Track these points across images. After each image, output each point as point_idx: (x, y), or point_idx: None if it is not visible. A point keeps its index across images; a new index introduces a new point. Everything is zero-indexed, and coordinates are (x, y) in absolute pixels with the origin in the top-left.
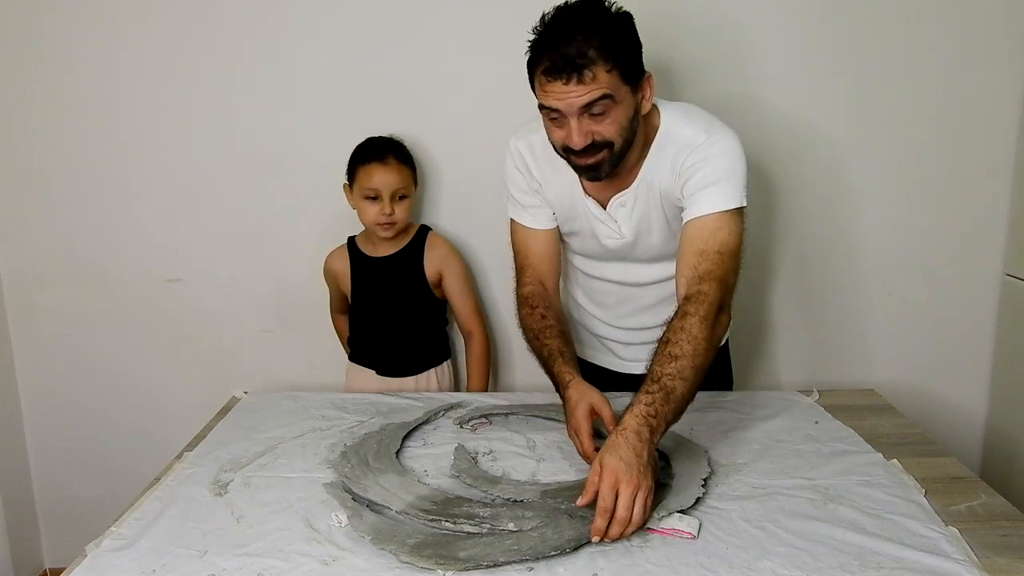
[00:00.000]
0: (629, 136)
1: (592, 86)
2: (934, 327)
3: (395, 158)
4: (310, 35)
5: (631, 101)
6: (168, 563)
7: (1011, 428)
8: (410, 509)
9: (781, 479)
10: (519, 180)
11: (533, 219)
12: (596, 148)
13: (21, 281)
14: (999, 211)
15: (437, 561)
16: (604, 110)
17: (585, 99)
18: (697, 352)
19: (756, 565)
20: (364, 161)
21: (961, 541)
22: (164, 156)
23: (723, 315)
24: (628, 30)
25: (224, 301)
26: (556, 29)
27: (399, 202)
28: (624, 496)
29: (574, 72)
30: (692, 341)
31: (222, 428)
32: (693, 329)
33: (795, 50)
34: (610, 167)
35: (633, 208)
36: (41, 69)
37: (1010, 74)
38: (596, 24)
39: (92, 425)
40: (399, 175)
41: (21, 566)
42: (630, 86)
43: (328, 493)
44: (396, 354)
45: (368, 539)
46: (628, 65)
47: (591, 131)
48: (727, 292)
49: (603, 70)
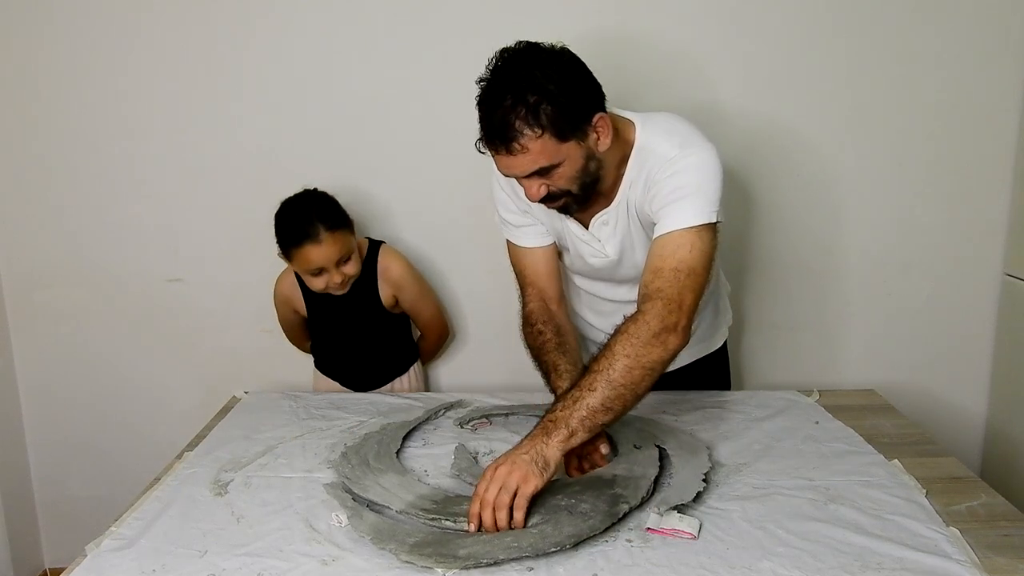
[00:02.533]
0: (586, 179)
1: (523, 157)
2: (934, 327)
3: (327, 230)
4: (310, 35)
5: (578, 153)
6: (168, 563)
7: (1011, 428)
8: (410, 508)
9: (782, 479)
10: (507, 202)
11: (526, 238)
12: (554, 197)
13: (21, 281)
14: (999, 211)
15: (437, 560)
16: (548, 172)
17: (520, 170)
18: (612, 368)
19: (756, 565)
20: (295, 244)
21: (962, 542)
22: (164, 156)
23: (670, 336)
24: (564, 82)
25: (224, 301)
26: (486, 93)
27: (345, 264)
28: (495, 480)
29: (502, 145)
30: (610, 358)
31: (222, 428)
32: (615, 347)
33: (796, 50)
34: (578, 205)
35: (616, 226)
36: (41, 69)
37: (1010, 74)
38: (522, 87)
39: (92, 425)
40: (338, 244)
41: (21, 566)
42: (573, 139)
43: (328, 493)
44: (361, 370)
45: (368, 539)
46: (563, 122)
47: (543, 184)
48: (678, 311)
49: (532, 138)
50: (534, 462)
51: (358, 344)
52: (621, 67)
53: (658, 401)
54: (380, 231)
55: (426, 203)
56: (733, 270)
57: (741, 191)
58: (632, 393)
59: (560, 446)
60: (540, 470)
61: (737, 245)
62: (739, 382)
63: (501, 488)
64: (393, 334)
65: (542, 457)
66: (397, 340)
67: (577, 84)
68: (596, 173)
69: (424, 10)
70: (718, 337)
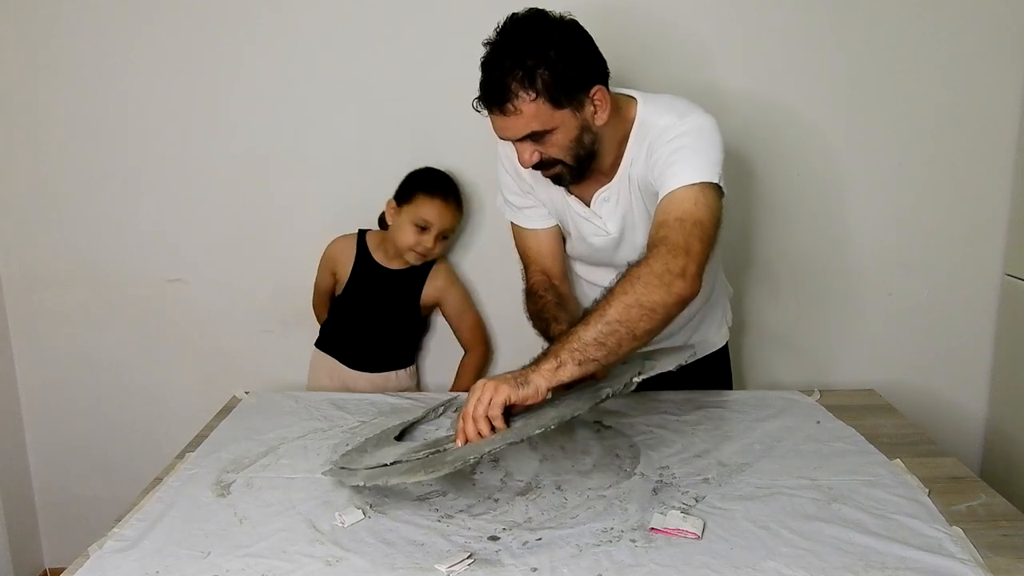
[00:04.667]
0: (580, 152)
1: (516, 119)
2: (934, 327)
3: (455, 201)
4: (310, 35)
5: (573, 122)
6: (171, 564)
7: (1011, 428)
8: (402, 457)
9: (784, 479)
10: (510, 183)
11: (528, 220)
12: (548, 165)
13: (21, 281)
14: (999, 211)
15: (425, 471)
16: (540, 137)
17: (514, 132)
18: (609, 305)
19: (761, 565)
20: (428, 192)
21: (965, 541)
22: (164, 156)
23: (675, 280)
24: (564, 50)
25: (224, 301)
26: (488, 54)
27: (441, 241)
28: (473, 395)
29: (496, 105)
30: (608, 297)
31: (223, 428)
32: (616, 287)
33: (795, 51)
34: (572, 176)
35: (617, 202)
36: (41, 69)
37: (1010, 74)
38: (522, 50)
39: (92, 425)
40: (454, 217)
41: (21, 566)
42: (569, 108)
43: (327, 475)
44: (364, 350)
45: (361, 483)
46: (558, 89)
47: (536, 151)
48: (684, 256)
49: (526, 100)
50: (515, 379)
51: (376, 329)
52: (626, 45)
53: (659, 401)
54: None
55: None
56: (734, 270)
57: (742, 191)
58: (627, 331)
59: (547, 374)
60: (518, 385)
61: (738, 245)
62: (740, 382)
63: (478, 400)
64: (409, 333)
65: (524, 376)
66: (408, 339)
67: (578, 54)
68: (591, 147)
69: (429, 5)
70: (720, 337)
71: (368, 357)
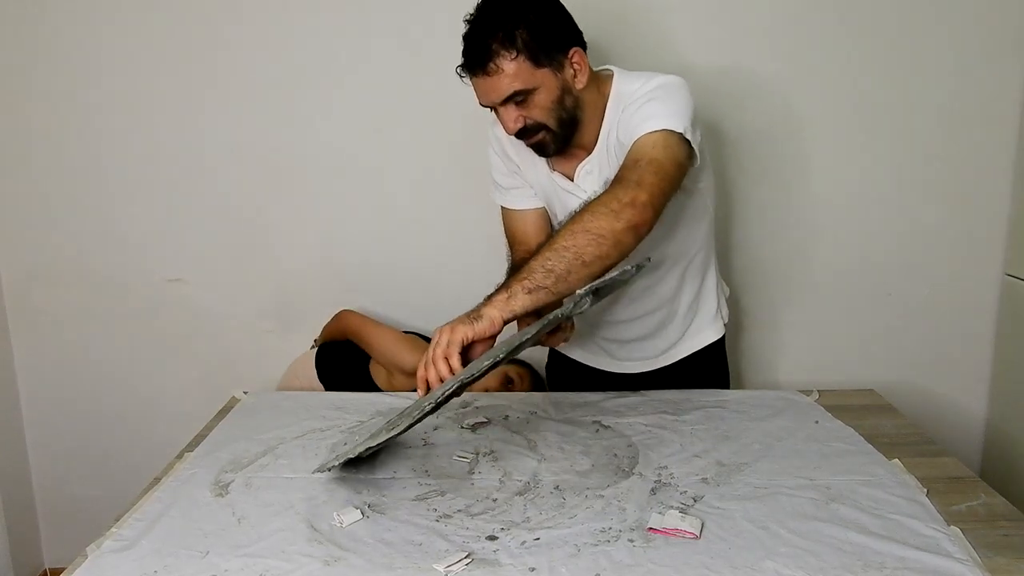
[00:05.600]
0: (563, 114)
1: (499, 78)
2: (934, 327)
3: None
4: (311, 34)
5: (554, 82)
6: (170, 564)
7: (1011, 428)
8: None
9: (783, 479)
10: (499, 164)
11: (516, 200)
12: (532, 131)
13: (21, 281)
14: (999, 211)
15: (387, 430)
16: (524, 98)
17: (498, 94)
18: (557, 235)
19: (759, 565)
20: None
21: (964, 541)
22: (164, 156)
23: (625, 208)
24: (541, 13)
25: (224, 301)
26: (470, 24)
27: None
28: (432, 340)
29: (479, 66)
30: (557, 229)
31: (222, 428)
32: (565, 222)
33: (795, 51)
34: (556, 144)
35: (599, 173)
36: (40, 69)
37: (1010, 74)
38: (502, 15)
39: (92, 425)
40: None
41: (21, 566)
42: (549, 67)
43: (316, 473)
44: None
45: (336, 463)
46: (538, 49)
47: (520, 115)
48: (636, 188)
49: (507, 59)
50: (469, 317)
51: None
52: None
53: (658, 401)
54: (378, 230)
55: (426, 202)
56: (734, 270)
57: (742, 191)
58: (575, 256)
59: (499, 304)
60: (472, 321)
61: (737, 245)
62: (739, 382)
63: (435, 343)
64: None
65: (477, 312)
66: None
67: (554, 17)
68: (573, 111)
69: (433, 7)
70: (715, 330)
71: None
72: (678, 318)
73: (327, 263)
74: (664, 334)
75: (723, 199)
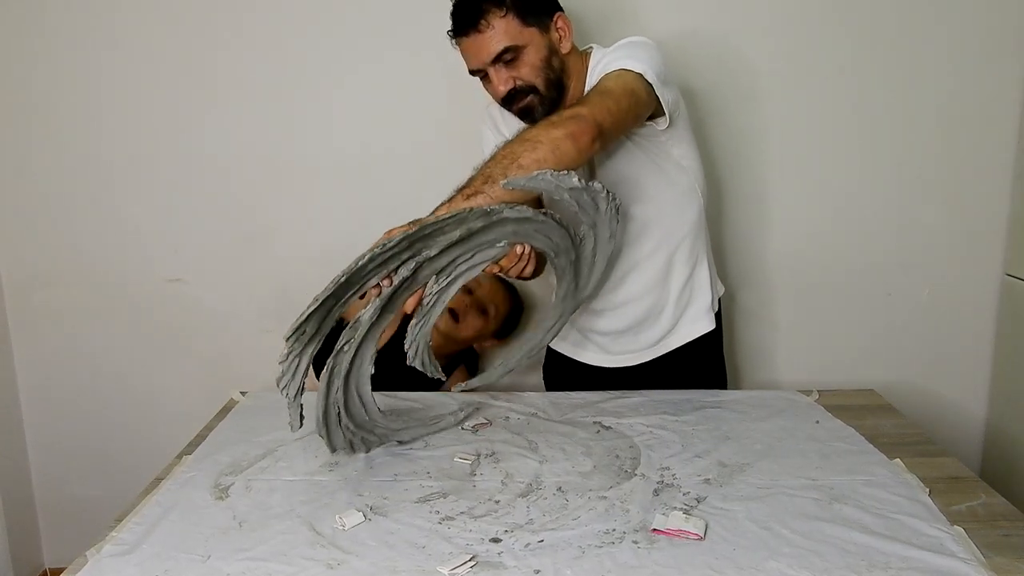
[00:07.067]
0: (551, 75)
1: (489, 35)
2: (934, 327)
3: None
4: (311, 34)
5: (541, 41)
6: (171, 567)
7: (1011, 428)
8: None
9: (785, 479)
10: (491, 139)
11: None
12: (522, 93)
13: (21, 281)
14: (999, 211)
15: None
16: (514, 56)
17: (488, 52)
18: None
19: (764, 566)
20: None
21: (967, 540)
22: (164, 156)
23: (566, 120)
24: None
25: (224, 301)
26: None
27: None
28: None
29: (470, 25)
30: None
31: (221, 430)
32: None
33: (795, 52)
34: (544, 108)
35: None
36: (41, 69)
37: (1010, 74)
38: None
39: (92, 425)
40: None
41: (21, 566)
42: (536, 27)
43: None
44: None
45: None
46: (526, 7)
47: (511, 77)
48: (577, 106)
49: (497, 16)
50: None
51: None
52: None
53: (658, 401)
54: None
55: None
56: (733, 270)
57: (741, 191)
58: (511, 160)
59: (440, 210)
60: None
61: (737, 245)
62: (739, 381)
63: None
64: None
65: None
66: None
67: None
68: (559, 73)
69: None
70: (708, 321)
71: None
72: (668, 307)
73: (327, 263)
74: (655, 323)
75: (723, 199)
